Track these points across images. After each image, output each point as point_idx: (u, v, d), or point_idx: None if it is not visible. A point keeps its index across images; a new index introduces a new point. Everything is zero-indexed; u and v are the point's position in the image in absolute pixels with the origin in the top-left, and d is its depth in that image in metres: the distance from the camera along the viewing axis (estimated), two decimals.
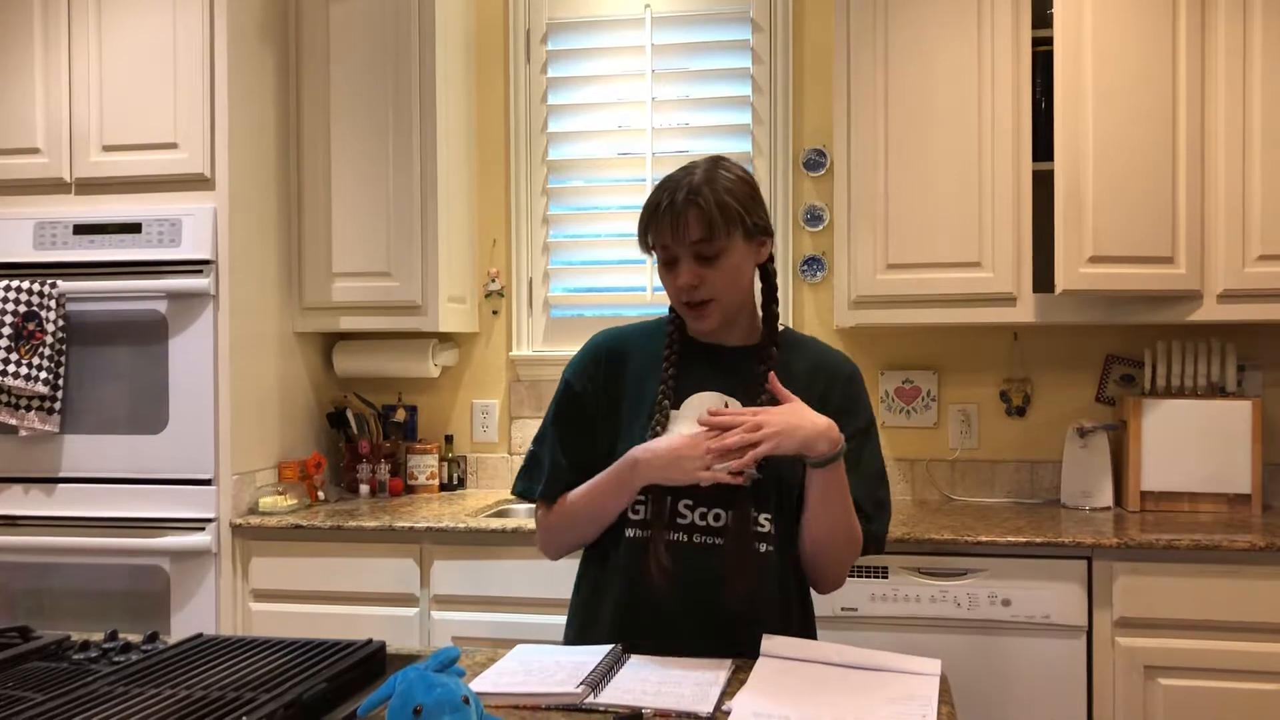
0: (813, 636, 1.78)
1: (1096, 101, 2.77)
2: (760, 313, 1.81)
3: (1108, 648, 2.55)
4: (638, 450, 1.65)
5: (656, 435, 1.67)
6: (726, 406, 1.67)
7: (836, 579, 1.76)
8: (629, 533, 1.69)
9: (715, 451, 1.56)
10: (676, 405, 1.70)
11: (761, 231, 1.73)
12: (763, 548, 1.66)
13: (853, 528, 1.69)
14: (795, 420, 1.58)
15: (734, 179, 1.70)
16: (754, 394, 1.69)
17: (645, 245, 1.72)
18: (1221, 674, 2.50)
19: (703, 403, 1.69)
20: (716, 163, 1.72)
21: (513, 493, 1.85)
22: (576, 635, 1.78)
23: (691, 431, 1.64)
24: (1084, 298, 2.86)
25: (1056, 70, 2.78)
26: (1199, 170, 2.81)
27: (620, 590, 1.69)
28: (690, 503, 1.66)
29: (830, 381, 1.76)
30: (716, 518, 1.66)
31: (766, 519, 1.66)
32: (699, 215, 1.65)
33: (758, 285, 1.80)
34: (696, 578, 1.64)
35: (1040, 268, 2.88)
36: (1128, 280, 2.79)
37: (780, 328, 1.80)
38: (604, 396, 1.77)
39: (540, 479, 1.78)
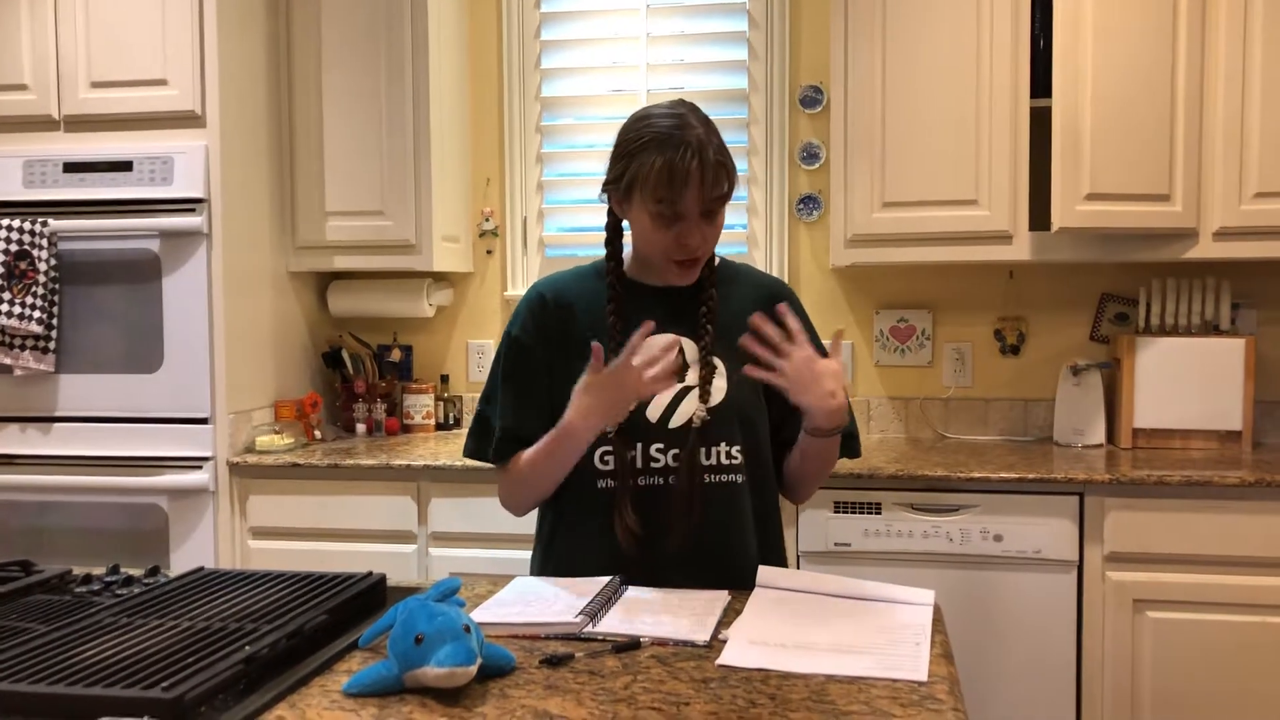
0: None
1: (1095, 38, 2.75)
2: None
3: (1098, 582, 2.59)
4: (570, 415, 1.61)
5: None
6: (680, 349, 1.68)
7: (809, 496, 1.86)
8: (600, 483, 1.69)
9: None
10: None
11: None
12: (739, 479, 1.70)
13: (834, 457, 1.77)
14: (815, 381, 1.59)
15: (717, 130, 1.69)
16: (698, 333, 1.72)
17: (654, 200, 1.64)
18: (1209, 607, 2.54)
19: (654, 346, 1.68)
20: (695, 111, 1.68)
21: (464, 454, 1.81)
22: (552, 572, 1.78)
23: None
24: (1080, 236, 2.86)
25: (1056, 6, 2.75)
26: (1198, 107, 2.79)
27: (599, 541, 1.69)
28: (662, 446, 1.67)
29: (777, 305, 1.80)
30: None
31: (737, 450, 1.70)
32: (726, 176, 1.64)
33: None
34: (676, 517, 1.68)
35: (1037, 206, 2.87)
36: (1124, 218, 2.78)
37: (716, 260, 1.82)
38: (553, 346, 1.74)
39: (491, 440, 1.76)
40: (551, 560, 1.78)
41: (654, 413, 1.69)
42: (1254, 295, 3.09)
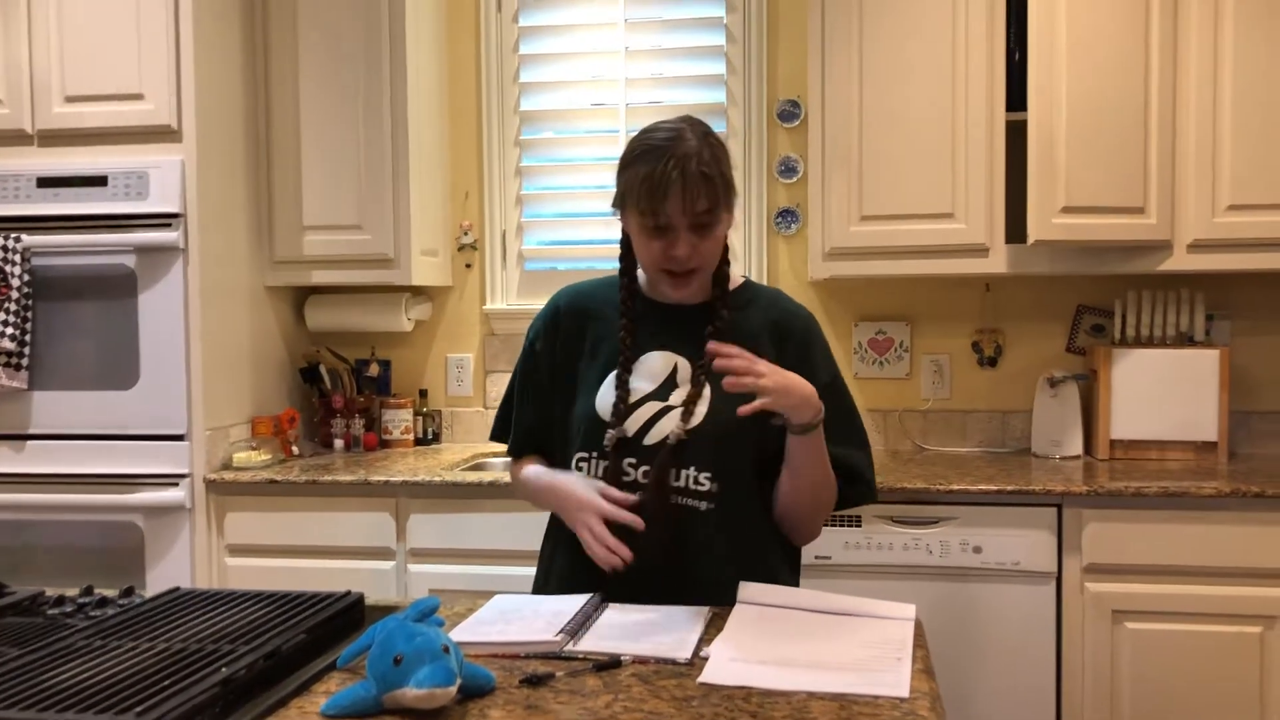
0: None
1: (1070, 52, 2.77)
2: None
3: (1076, 593, 2.60)
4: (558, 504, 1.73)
5: (622, 404, 1.68)
6: (675, 368, 1.71)
7: (813, 532, 1.79)
8: None
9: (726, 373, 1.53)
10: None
11: (735, 197, 1.72)
12: (702, 506, 1.66)
13: (830, 484, 1.71)
14: (788, 382, 1.57)
15: (721, 146, 1.68)
16: (701, 353, 1.67)
17: (639, 212, 1.64)
18: (1187, 617, 2.55)
19: (651, 363, 1.72)
20: (696, 126, 1.67)
21: (490, 437, 1.95)
22: (542, 587, 1.82)
23: (647, 387, 1.70)
24: (1056, 248, 2.88)
25: (1030, 20, 2.77)
26: (1170, 120, 2.82)
27: (574, 551, 1.68)
28: (634, 460, 1.67)
29: (788, 334, 1.77)
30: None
31: (706, 478, 1.66)
32: (709, 188, 1.62)
33: None
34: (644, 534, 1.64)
35: (1013, 219, 2.89)
36: (1099, 230, 2.80)
37: (742, 278, 1.82)
38: (561, 357, 1.80)
39: (509, 434, 1.89)
40: (554, 575, 1.78)
41: (632, 427, 1.68)
42: (1228, 306, 3.12)
